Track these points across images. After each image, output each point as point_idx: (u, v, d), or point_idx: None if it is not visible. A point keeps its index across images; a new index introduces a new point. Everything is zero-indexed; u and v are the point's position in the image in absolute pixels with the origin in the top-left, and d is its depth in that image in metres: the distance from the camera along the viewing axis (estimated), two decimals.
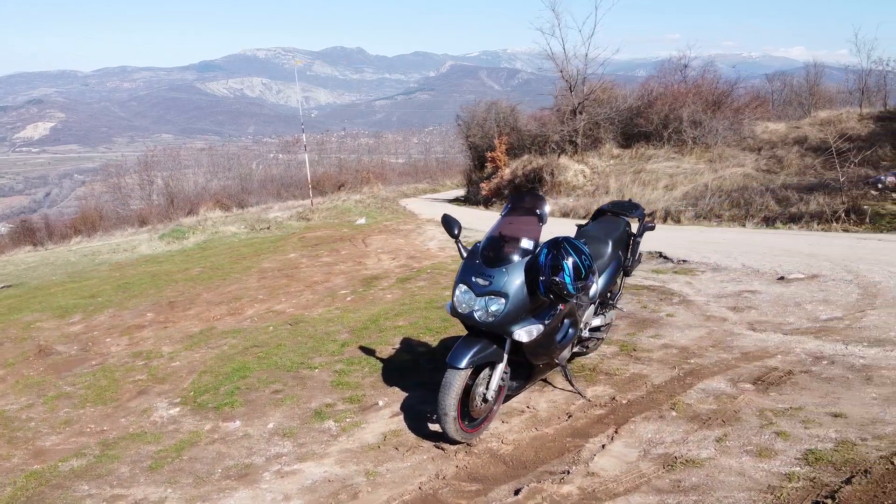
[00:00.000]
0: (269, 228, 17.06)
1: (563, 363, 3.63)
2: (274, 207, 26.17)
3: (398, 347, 5.02)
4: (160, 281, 9.72)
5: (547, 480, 2.86)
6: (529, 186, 19.60)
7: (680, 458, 2.90)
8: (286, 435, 3.65)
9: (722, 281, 6.28)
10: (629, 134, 21.21)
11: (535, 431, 3.39)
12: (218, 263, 11.07)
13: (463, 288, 3.24)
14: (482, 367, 3.27)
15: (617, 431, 3.25)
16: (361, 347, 5.08)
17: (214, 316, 7.04)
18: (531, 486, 2.83)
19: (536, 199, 3.38)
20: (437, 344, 4.96)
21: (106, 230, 26.72)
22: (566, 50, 22.07)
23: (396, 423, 3.66)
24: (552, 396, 3.80)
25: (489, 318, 3.13)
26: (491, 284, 3.13)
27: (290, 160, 64.66)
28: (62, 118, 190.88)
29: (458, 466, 3.10)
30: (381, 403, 3.94)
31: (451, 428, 3.15)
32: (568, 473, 2.89)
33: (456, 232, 3.50)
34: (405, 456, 3.26)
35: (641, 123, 20.65)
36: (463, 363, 3.09)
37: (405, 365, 4.62)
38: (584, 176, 18.74)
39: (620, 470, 2.88)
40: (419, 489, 2.92)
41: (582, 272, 3.03)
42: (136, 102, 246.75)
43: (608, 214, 4.38)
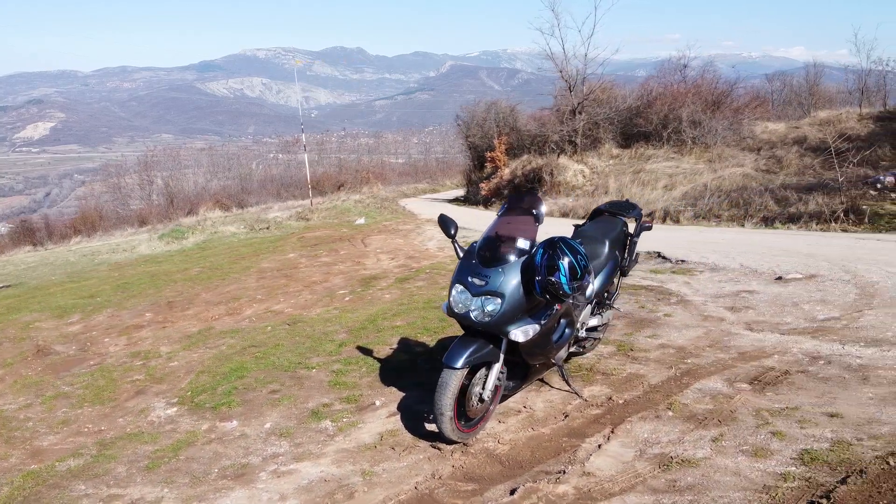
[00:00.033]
0: (268, 228, 17.07)
1: (559, 363, 3.63)
2: (273, 207, 26.18)
3: (396, 347, 5.02)
4: (159, 281, 9.73)
5: (543, 480, 2.86)
6: (529, 186, 19.60)
7: (676, 457, 2.90)
8: (283, 435, 3.65)
9: (720, 281, 6.28)
10: (628, 134, 21.21)
11: (531, 431, 3.39)
12: (217, 263, 11.07)
13: (459, 288, 3.24)
14: (478, 366, 3.27)
15: (613, 431, 3.25)
16: (359, 347, 5.08)
17: (213, 316, 7.05)
18: (527, 485, 2.83)
19: (533, 199, 3.38)
20: (434, 344, 4.96)
21: (106, 230, 26.73)
22: (565, 50, 22.10)
23: (393, 422, 3.66)
24: (549, 396, 3.80)
25: (485, 318, 3.13)
26: (487, 284, 3.14)
27: (289, 160, 64.68)
28: (62, 118, 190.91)
29: (454, 466, 3.11)
30: (378, 403, 3.95)
31: (447, 428, 3.15)
32: (564, 473, 2.89)
33: (452, 232, 3.50)
34: (401, 456, 3.27)
35: (641, 123, 20.64)
36: (459, 363, 3.09)
37: (402, 365, 4.62)
38: (583, 176, 18.74)
39: (616, 470, 2.88)
40: (415, 489, 2.92)
41: (578, 272, 3.03)
42: (136, 102, 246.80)
43: (605, 214, 4.38)
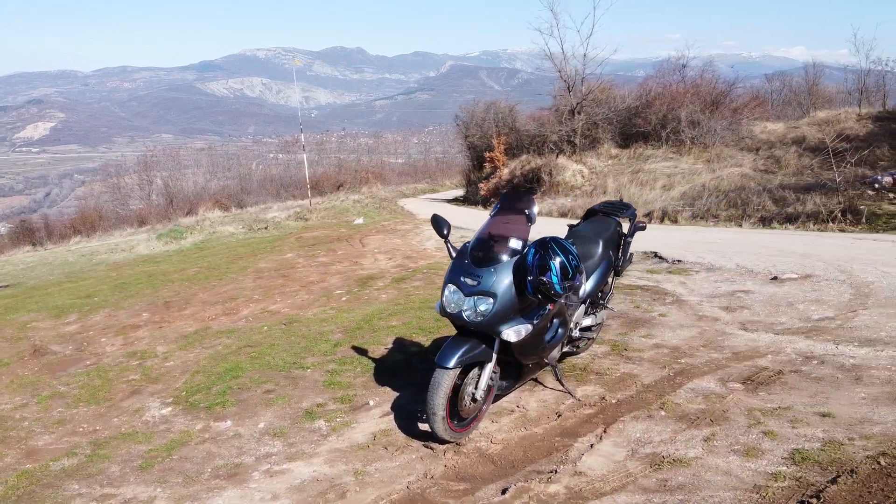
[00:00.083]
0: (266, 228, 17.08)
1: (552, 363, 3.64)
2: (273, 207, 26.17)
3: (391, 347, 5.02)
4: (157, 281, 9.73)
5: (534, 480, 2.87)
6: (528, 186, 19.60)
7: (667, 457, 2.91)
8: (276, 434, 3.65)
9: (716, 281, 6.29)
10: (627, 134, 21.20)
11: (524, 431, 3.40)
12: (215, 263, 11.08)
13: (452, 288, 3.25)
14: (471, 366, 3.27)
15: (606, 431, 3.26)
16: (354, 347, 5.08)
17: (210, 316, 7.05)
18: (518, 485, 2.83)
19: (525, 199, 3.39)
20: (429, 344, 4.97)
21: (105, 230, 26.75)
22: (564, 50, 22.12)
23: (387, 422, 3.66)
24: (542, 396, 3.81)
25: (478, 317, 3.14)
26: (479, 284, 3.14)
27: (289, 160, 64.72)
28: (62, 118, 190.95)
29: (446, 466, 3.11)
30: (371, 403, 3.95)
31: (439, 427, 3.16)
32: (555, 473, 2.90)
33: (445, 232, 3.51)
34: (394, 455, 3.27)
35: (640, 123, 20.64)
36: (451, 363, 3.09)
37: (397, 365, 4.63)
38: (582, 176, 18.74)
39: (608, 469, 2.89)
40: (407, 488, 2.93)
41: (569, 272, 3.03)
42: (136, 102, 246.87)
43: (599, 214, 4.39)
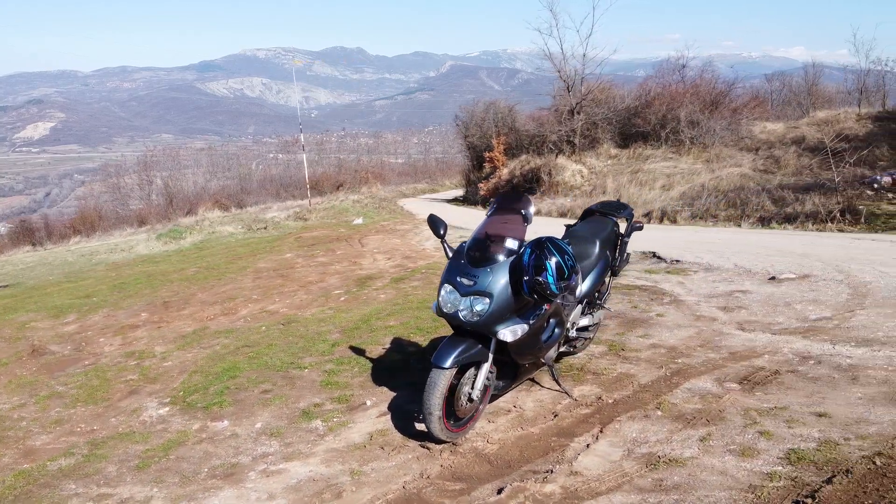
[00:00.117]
0: (266, 228, 17.08)
1: (549, 363, 3.64)
2: (272, 207, 26.19)
3: (388, 347, 5.03)
4: (155, 281, 9.74)
5: (530, 479, 2.87)
6: (527, 186, 19.61)
7: (663, 457, 2.91)
8: (273, 434, 3.66)
9: (714, 281, 6.29)
10: (627, 134, 21.20)
11: (520, 431, 3.40)
12: (214, 263, 11.09)
13: (448, 288, 3.25)
14: (468, 366, 3.28)
15: (602, 431, 3.26)
16: (352, 347, 5.09)
17: (208, 316, 7.06)
18: (514, 485, 2.84)
19: (521, 199, 3.40)
20: (427, 344, 4.97)
21: (105, 230, 26.78)
22: (564, 50, 22.11)
23: (383, 422, 3.67)
24: (539, 396, 3.81)
25: (474, 317, 3.14)
26: (476, 284, 3.14)
27: (289, 160, 64.77)
28: (62, 118, 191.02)
29: (442, 466, 3.11)
30: (368, 403, 3.95)
31: (436, 427, 3.16)
32: (551, 472, 2.90)
33: (441, 232, 3.51)
34: (391, 455, 3.27)
35: (639, 123, 20.64)
36: (447, 363, 3.10)
37: (394, 365, 4.63)
38: (581, 176, 18.74)
39: (604, 469, 2.89)
40: (403, 488, 2.93)
41: (565, 272, 3.03)
42: (136, 102, 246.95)
43: (597, 215, 4.39)
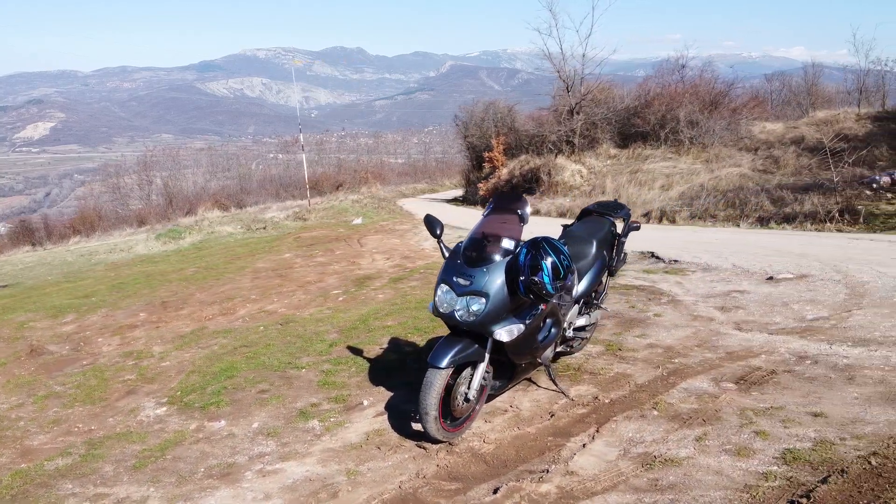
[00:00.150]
0: (265, 228, 17.09)
1: (546, 363, 3.64)
2: (272, 207, 26.19)
3: (386, 347, 5.03)
4: (154, 281, 9.74)
5: (526, 479, 2.87)
6: (527, 186, 19.61)
7: (659, 457, 2.91)
8: (270, 434, 3.66)
9: (712, 281, 6.29)
10: (626, 134, 21.20)
11: (517, 430, 3.40)
12: (212, 263, 11.09)
13: (444, 288, 3.26)
14: (464, 366, 3.28)
15: (598, 430, 3.26)
16: (349, 347, 5.09)
17: (206, 316, 7.06)
18: (510, 484, 2.84)
19: (518, 199, 3.40)
20: (424, 344, 4.97)
21: (104, 230, 26.80)
22: (563, 50, 22.12)
23: (380, 422, 3.67)
24: (536, 395, 3.81)
25: (470, 317, 3.14)
26: (472, 284, 3.15)
27: (289, 160, 64.79)
28: (62, 118, 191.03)
29: (438, 465, 3.12)
30: (365, 403, 3.96)
31: (432, 427, 3.16)
32: (547, 472, 2.90)
33: (438, 232, 3.51)
34: (387, 455, 3.27)
35: (638, 123, 20.64)
36: (444, 363, 3.10)
37: (392, 364, 4.63)
38: (580, 176, 18.74)
39: (599, 469, 2.89)
40: (399, 488, 2.93)
41: (560, 272, 3.04)
42: (136, 102, 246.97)
43: (594, 215, 4.39)
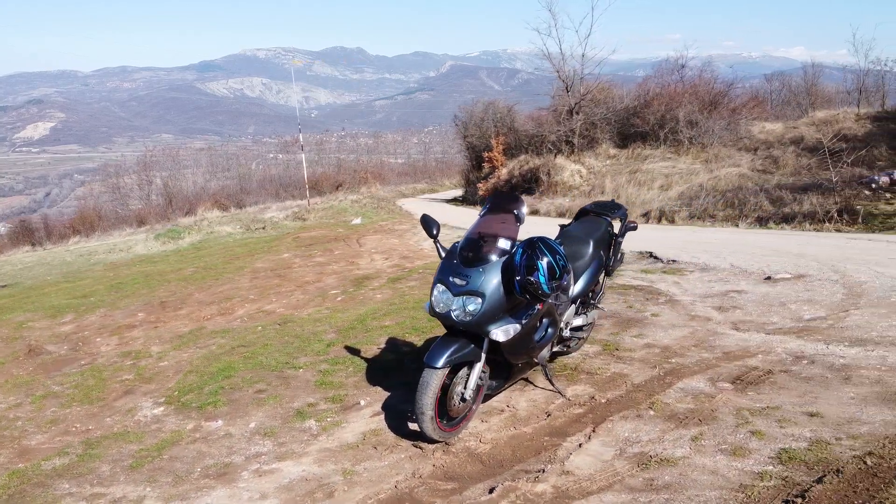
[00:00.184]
0: (264, 228, 17.09)
1: (543, 362, 3.64)
2: (271, 207, 26.17)
3: (383, 347, 5.03)
4: (153, 281, 9.74)
5: (522, 479, 2.88)
6: (526, 186, 19.61)
7: (655, 456, 2.91)
8: (267, 434, 3.66)
9: (709, 281, 6.29)
10: (626, 134, 21.19)
11: (513, 430, 3.40)
12: (211, 263, 11.09)
13: (441, 288, 3.26)
14: (460, 366, 3.28)
15: (595, 430, 3.26)
16: (347, 347, 5.09)
17: (205, 316, 7.06)
18: (506, 484, 2.84)
19: (514, 199, 3.41)
20: (422, 344, 4.98)
21: (104, 230, 26.78)
22: (563, 50, 22.09)
23: (377, 422, 3.67)
24: (532, 395, 3.82)
25: (466, 317, 3.14)
26: (468, 284, 3.15)
27: (289, 160, 64.78)
28: (62, 118, 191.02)
29: (434, 465, 3.12)
30: (362, 403, 3.96)
31: (428, 427, 3.16)
32: (543, 472, 2.91)
33: (434, 232, 3.51)
34: (383, 455, 3.28)
35: (638, 123, 20.63)
36: (440, 362, 3.10)
37: (389, 364, 4.64)
38: (580, 176, 18.73)
39: (595, 468, 2.90)
40: (395, 488, 2.94)
41: (556, 272, 3.04)
42: (136, 102, 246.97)
43: (591, 215, 4.39)
